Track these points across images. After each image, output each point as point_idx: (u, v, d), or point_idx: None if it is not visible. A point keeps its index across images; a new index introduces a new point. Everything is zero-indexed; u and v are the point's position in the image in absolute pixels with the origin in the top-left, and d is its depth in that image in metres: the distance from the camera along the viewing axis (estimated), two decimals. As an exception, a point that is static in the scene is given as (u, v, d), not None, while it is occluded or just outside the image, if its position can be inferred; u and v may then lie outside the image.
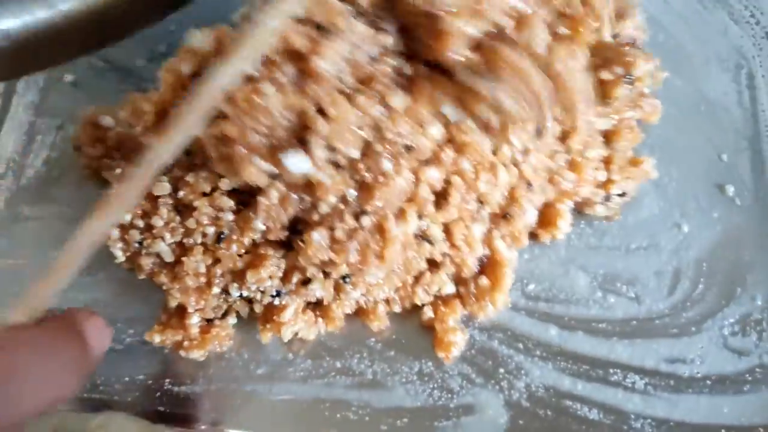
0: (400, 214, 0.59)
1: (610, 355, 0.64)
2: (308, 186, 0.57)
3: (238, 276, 0.62)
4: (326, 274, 0.62)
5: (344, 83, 0.54)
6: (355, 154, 0.55)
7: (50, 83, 0.75)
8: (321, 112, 0.53)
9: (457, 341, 0.63)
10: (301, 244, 0.58)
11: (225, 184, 0.60)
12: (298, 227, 0.60)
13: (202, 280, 0.61)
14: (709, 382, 0.63)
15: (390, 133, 0.54)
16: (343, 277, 0.62)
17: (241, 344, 0.64)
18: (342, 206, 0.57)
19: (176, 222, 0.60)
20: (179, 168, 0.61)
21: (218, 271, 0.61)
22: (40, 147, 0.72)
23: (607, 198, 0.68)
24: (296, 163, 0.54)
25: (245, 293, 0.62)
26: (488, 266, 0.64)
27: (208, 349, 0.62)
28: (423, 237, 0.61)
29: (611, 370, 0.63)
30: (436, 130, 0.57)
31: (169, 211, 0.60)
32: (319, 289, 0.62)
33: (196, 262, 0.60)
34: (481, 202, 0.63)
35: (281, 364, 0.63)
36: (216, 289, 0.61)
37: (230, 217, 0.60)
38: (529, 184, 0.64)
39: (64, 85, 0.75)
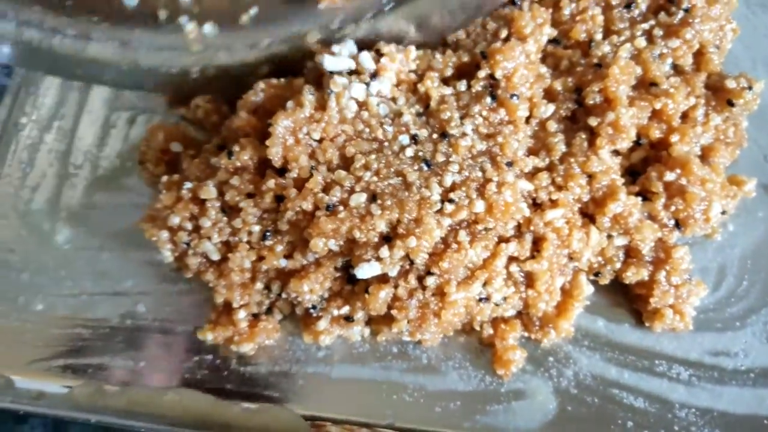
0: (466, 280, 0.61)
1: (656, 346, 0.66)
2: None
3: (282, 276, 0.66)
4: (371, 319, 0.65)
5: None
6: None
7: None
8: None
9: (516, 359, 0.65)
10: (366, 295, 0.61)
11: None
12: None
13: (247, 276, 0.65)
14: (752, 375, 0.65)
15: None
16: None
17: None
18: (408, 266, 0.61)
19: (223, 222, 0.64)
20: (225, 172, 0.65)
21: (263, 267, 0.65)
22: (114, 140, 0.77)
23: (706, 218, 0.67)
24: (367, 271, 0.60)
25: (284, 295, 0.66)
26: (562, 295, 0.66)
27: (257, 342, 0.66)
28: (486, 299, 0.63)
29: (657, 361, 0.66)
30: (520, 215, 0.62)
31: (216, 212, 0.64)
32: (357, 333, 0.66)
33: (241, 258, 0.64)
34: (571, 258, 0.65)
35: (340, 347, 0.67)
36: (259, 285, 0.65)
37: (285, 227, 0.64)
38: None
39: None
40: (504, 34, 0.68)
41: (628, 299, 0.68)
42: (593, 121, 0.64)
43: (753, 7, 0.83)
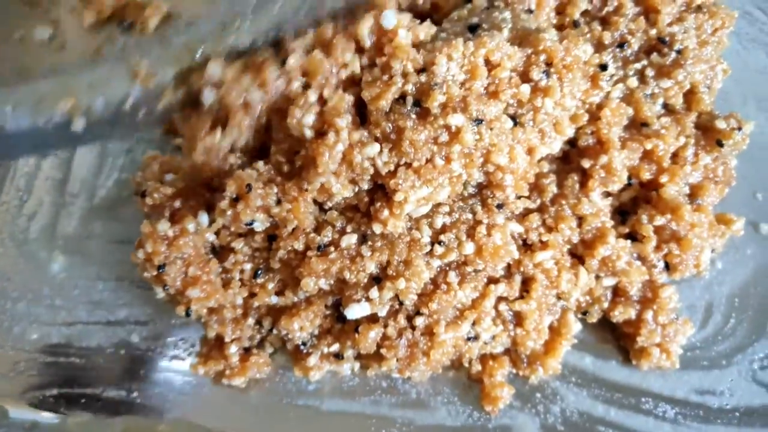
0: (455, 320, 0.62)
1: (643, 384, 0.67)
2: None
3: (273, 313, 0.67)
4: (360, 354, 0.66)
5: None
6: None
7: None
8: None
9: (503, 396, 0.66)
10: (356, 334, 0.62)
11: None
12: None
13: (239, 312, 0.66)
14: (737, 414, 0.66)
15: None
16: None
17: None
18: (398, 306, 0.62)
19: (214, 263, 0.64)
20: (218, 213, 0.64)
21: (254, 303, 0.66)
22: (111, 169, 0.78)
23: (697, 264, 0.68)
24: (356, 311, 0.61)
25: (275, 331, 0.67)
26: (550, 333, 0.67)
27: (248, 377, 0.67)
28: (474, 338, 0.64)
29: (643, 399, 0.67)
30: (510, 257, 0.62)
31: (206, 252, 0.65)
32: (347, 368, 0.67)
33: (234, 295, 0.65)
34: (559, 297, 0.66)
35: (330, 381, 0.68)
36: (251, 320, 0.66)
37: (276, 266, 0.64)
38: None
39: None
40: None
41: (616, 336, 0.69)
42: (586, 163, 0.65)
43: (744, 43, 0.83)
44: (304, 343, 0.65)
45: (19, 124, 0.50)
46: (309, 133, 0.57)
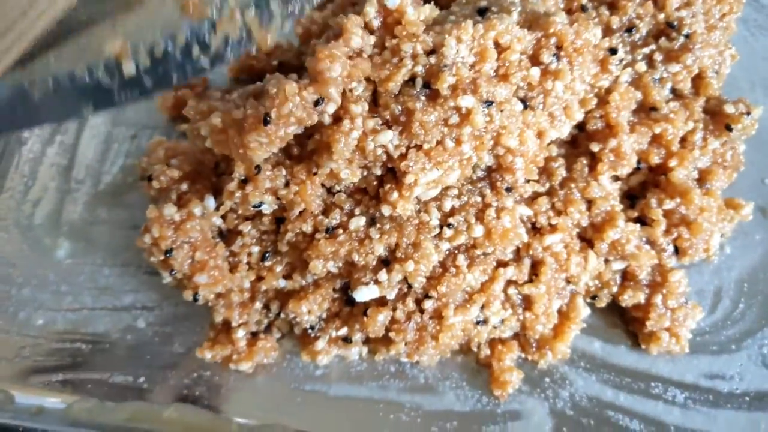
0: (464, 304, 0.62)
1: (652, 368, 0.67)
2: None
3: (281, 296, 0.66)
4: (368, 338, 0.66)
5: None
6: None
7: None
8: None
9: (512, 380, 0.65)
10: (364, 318, 0.62)
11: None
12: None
13: (246, 296, 0.66)
14: (747, 398, 0.66)
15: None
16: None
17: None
18: (406, 289, 0.62)
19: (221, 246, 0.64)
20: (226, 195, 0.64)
21: (262, 287, 0.65)
22: (116, 155, 0.77)
23: (707, 248, 0.68)
24: (365, 294, 0.60)
25: (283, 315, 0.67)
26: (559, 317, 0.66)
27: (255, 361, 0.67)
28: (483, 322, 0.64)
29: (652, 384, 0.66)
30: (519, 240, 0.62)
31: (213, 236, 0.64)
32: (355, 353, 0.67)
33: (241, 279, 0.64)
34: (569, 281, 0.66)
35: (338, 366, 0.67)
36: (258, 304, 0.66)
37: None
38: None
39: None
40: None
41: (625, 321, 0.69)
42: (595, 147, 0.65)
43: (752, 29, 0.83)
44: (312, 327, 0.65)
45: (64, 74, 0.49)
46: (328, 120, 0.57)
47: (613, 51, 0.66)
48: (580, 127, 0.67)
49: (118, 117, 0.79)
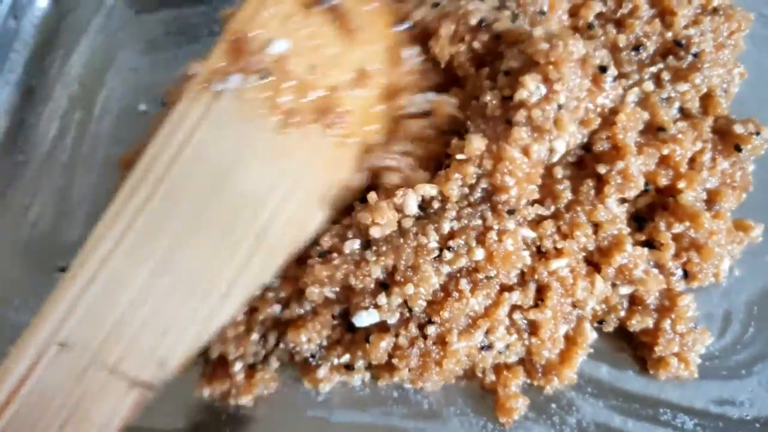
0: (467, 329, 0.61)
1: (661, 394, 0.66)
2: None
3: (279, 326, 0.65)
4: (370, 365, 0.65)
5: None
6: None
7: (126, 112, 0.80)
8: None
9: (518, 407, 0.64)
10: (366, 344, 0.61)
11: None
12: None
13: (242, 328, 0.65)
14: (758, 425, 0.64)
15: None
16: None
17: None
18: (408, 314, 0.60)
19: None
20: None
21: (259, 317, 0.64)
22: (115, 177, 0.76)
23: (716, 273, 0.67)
24: (365, 319, 0.60)
25: (282, 345, 0.65)
26: (566, 342, 0.65)
27: (255, 394, 0.65)
28: (488, 347, 0.63)
29: (661, 410, 0.65)
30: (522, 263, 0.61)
31: None
32: (358, 379, 0.65)
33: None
34: (575, 306, 0.65)
35: (340, 392, 0.66)
36: (255, 336, 0.65)
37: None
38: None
39: (138, 114, 0.80)
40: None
41: (633, 345, 0.68)
42: (602, 169, 0.64)
43: (759, 45, 0.82)
44: (312, 356, 0.64)
45: None
46: None
47: (603, 69, 0.65)
48: (587, 148, 0.66)
49: (117, 136, 0.78)
